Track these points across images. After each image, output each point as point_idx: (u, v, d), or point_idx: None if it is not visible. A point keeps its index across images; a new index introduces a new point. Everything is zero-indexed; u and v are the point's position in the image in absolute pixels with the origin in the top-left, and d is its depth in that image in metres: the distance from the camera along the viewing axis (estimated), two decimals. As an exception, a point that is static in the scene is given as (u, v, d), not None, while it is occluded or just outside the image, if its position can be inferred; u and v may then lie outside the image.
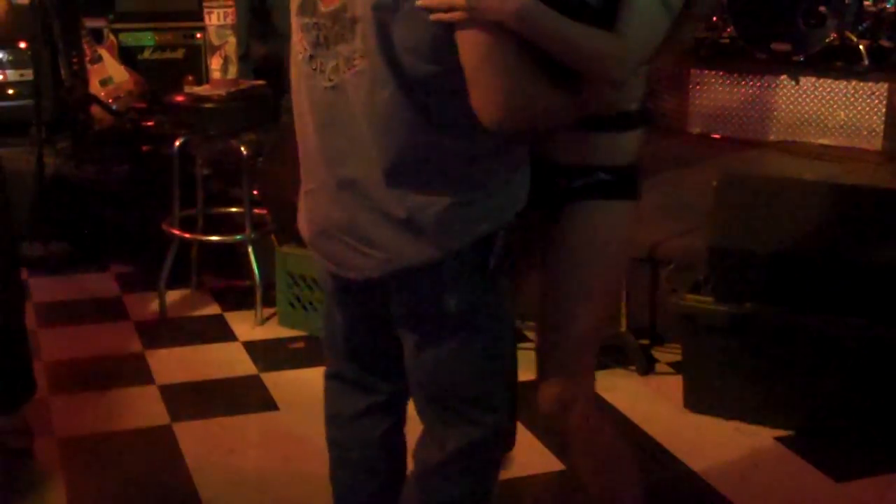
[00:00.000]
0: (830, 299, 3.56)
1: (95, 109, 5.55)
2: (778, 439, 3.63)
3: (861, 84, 5.85)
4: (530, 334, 3.54)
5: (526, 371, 2.62)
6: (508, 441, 2.42)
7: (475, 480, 2.32)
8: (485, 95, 1.99)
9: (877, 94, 5.81)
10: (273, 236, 4.69)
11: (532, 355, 2.54)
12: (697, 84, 6.14)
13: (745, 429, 3.69)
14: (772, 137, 6.02)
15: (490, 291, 2.18)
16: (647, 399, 3.93)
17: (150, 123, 5.56)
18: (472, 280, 2.14)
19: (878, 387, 3.53)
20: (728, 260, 3.65)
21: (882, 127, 5.79)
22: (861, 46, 6.01)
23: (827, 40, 5.98)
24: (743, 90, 6.07)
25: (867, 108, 5.84)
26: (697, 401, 3.79)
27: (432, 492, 2.34)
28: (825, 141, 5.91)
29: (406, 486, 2.43)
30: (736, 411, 3.73)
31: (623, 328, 4.17)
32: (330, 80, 2.11)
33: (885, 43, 6.20)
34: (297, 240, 4.49)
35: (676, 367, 4.06)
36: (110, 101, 5.61)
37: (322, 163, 2.20)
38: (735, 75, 6.07)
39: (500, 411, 2.30)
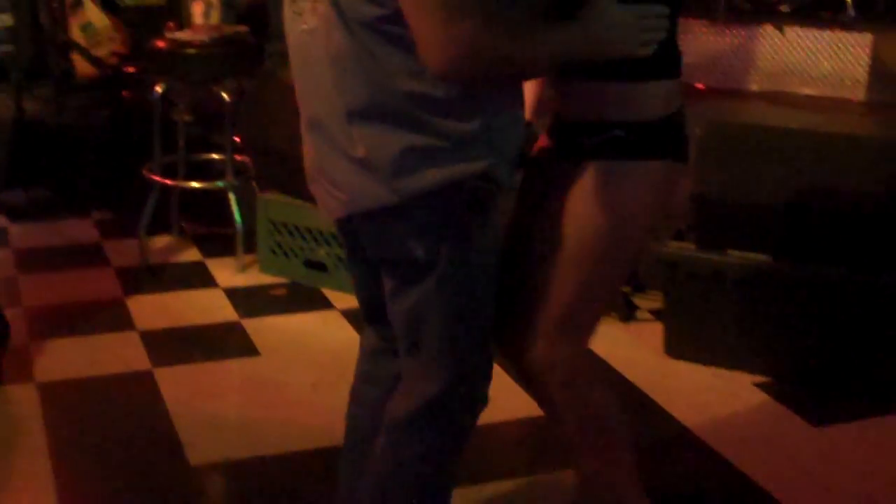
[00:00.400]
0: (812, 247, 3.57)
1: (76, 56, 5.50)
2: (757, 385, 3.65)
3: (846, 34, 5.83)
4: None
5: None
6: (483, 391, 2.31)
7: (443, 433, 2.27)
8: (425, 42, 1.88)
9: (861, 44, 5.80)
10: (255, 183, 4.67)
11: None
12: (682, 33, 6.08)
13: (725, 375, 3.71)
14: (756, 87, 6.01)
15: (462, 240, 2.11)
16: (628, 345, 3.95)
17: (131, 70, 5.52)
18: (441, 228, 2.08)
19: (856, 333, 3.54)
20: (711, 208, 3.65)
21: (866, 77, 5.79)
22: (846, -4, 6.00)
23: (812, -11, 5.97)
24: (727, 39, 6.05)
25: (851, 58, 5.82)
26: (678, 347, 3.81)
27: (399, 445, 2.28)
28: (809, 91, 5.90)
29: (377, 442, 2.36)
30: (716, 358, 3.75)
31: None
32: (306, 23, 2.09)
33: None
34: (279, 186, 4.52)
35: (657, 315, 4.08)
36: (90, 47, 5.56)
37: (301, 105, 2.21)
38: (720, 24, 6.04)
39: (472, 361, 2.24)
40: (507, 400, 3.14)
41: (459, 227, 2.09)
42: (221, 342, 3.97)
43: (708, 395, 3.61)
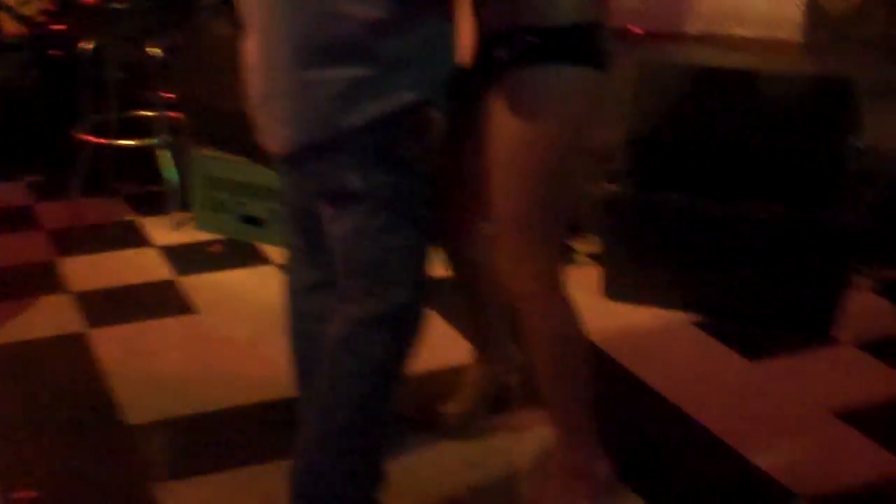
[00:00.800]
0: (747, 185, 3.58)
1: (2, 14, 5.38)
2: (695, 324, 3.67)
3: (780, -26, 5.85)
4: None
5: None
6: (417, 322, 2.35)
7: (381, 349, 2.31)
8: None
9: (796, -16, 5.82)
10: (189, 139, 4.60)
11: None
12: (616, -23, 6.07)
13: (663, 314, 3.73)
14: (693, 30, 6.01)
15: (396, 171, 2.17)
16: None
17: (59, 27, 5.40)
18: (380, 157, 2.14)
19: (789, 269, 3.56)
20: (646, 149, 3.65)
21: (800, 16, 5.80)
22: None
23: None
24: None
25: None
26: (616, 289, 3.82)
27: (339, 363, 2.34)
28: (745, 32, 5.92)
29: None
30: (654, 298, 3.76)
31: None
32: None
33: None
34: (214, 142, 4.46)
35: (596, 258, 4.08)
36: (18, 5, 5.44)
37: (248, 41, 2.25)
38: (655, -33, 6.04)
39: (404, 288, 2.29)
40: (443, 346, 3.15)
41: (398, 156, 2.16)
42: (158, 301, 3.92)
43: (647, 335, 3.62)
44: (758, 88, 3.61)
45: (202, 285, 4.04)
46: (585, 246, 4.20)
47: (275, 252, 4.26)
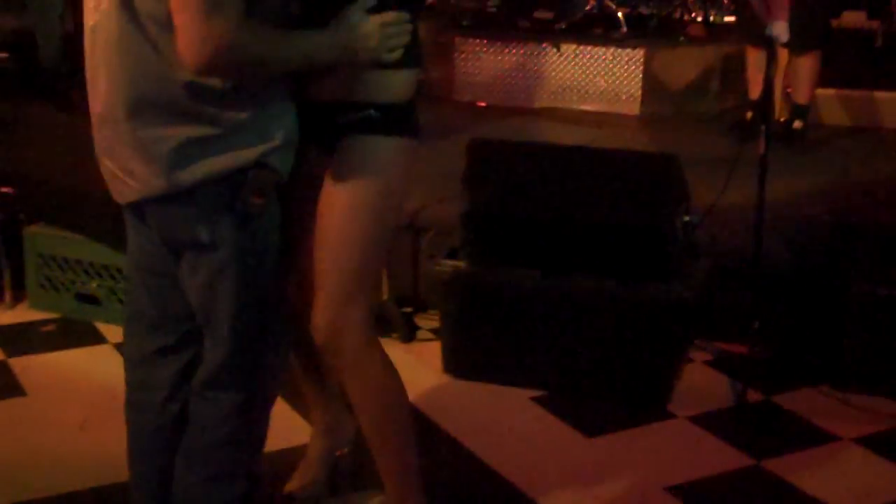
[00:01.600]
0: (580, 261, 3.63)
1: None
2: (533, 399, 3.69)
3: (619, 50, 6.01)
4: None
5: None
6: (277, 357, 2.50)
7: (236, 397, 2.43)
8: (184, 38, 2.05)
9: (634, 59, 5.98)
10: (21, 216, 4.47)
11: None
12: (462, 52, 6.18)
13: (503, 391, 3.73)
14: (537, 104, 6.12)
15: (243, 224, 2.28)
16: (409, 366, 3.89)
17: None
18: (223, 214, 2.25)
19: (624, 345, 3.61)
20: (481, 224, 3.68)
21: (640, 92, 5.97)
22: (619, 13, 6.17)
23: (587, 7, 6.11)
24: (507, 58, 6.15)
25: (626, 74, 6.00)
26: (456, 365, 3.82)
27: (199, 413, 2.46)
28: (587, 107, 6.05)
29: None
30: (493, 374, 3.77)
31: (385, 296, 4.16)
32: (92, 19, 2.27)
33: (643, 10, 6.39)
34: (47, 217, 4.34)
35: (438, 334, 4.07)
36: None
37: (90, 97, 2.33)
38: (499, 43, 6.14)
39: (259, 331, 2.40)
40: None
41: (239, 212, 2.26)
42: (-15, 384, 3.78)
43: (486, 412, 3.63)
44: (588, 164, 3.68)
45: (33, 366, 3.91)
46: (429, 322, 4.20)
47: (112, 331, 4.15)
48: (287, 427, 3.27)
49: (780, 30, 4.26)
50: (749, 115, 5.36)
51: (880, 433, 3.50)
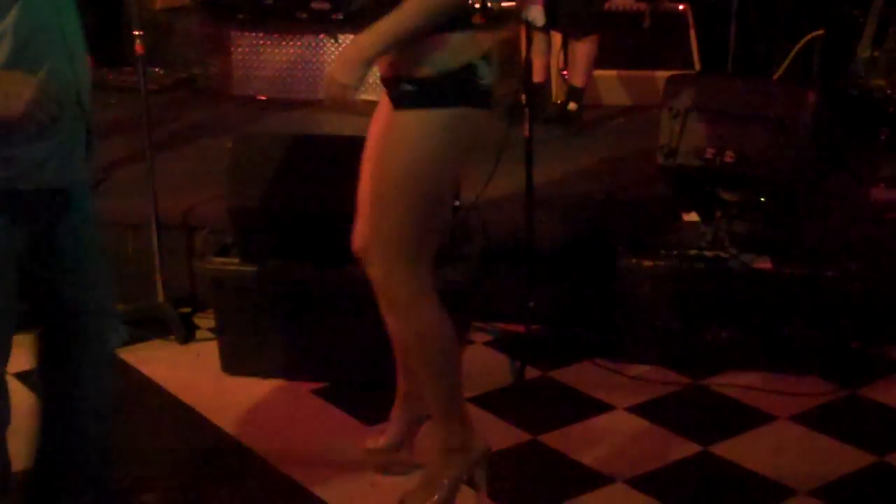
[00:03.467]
0: (347, 251, 3.61)
1: None
2: (314, 392, 3.66)
3: (398, 39, 5.99)
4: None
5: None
6: None
7: None
8: None
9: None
10: None
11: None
12: (239, 46, 6.07)
13: (283, 385, 3.70)
14: (316, 96, 6.04)
15: None
16: (187, 367, 3.85)
17: None
18: None
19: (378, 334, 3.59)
20: (247, 220, 3.62)
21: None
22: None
23: (363, -2, 6.09)
24: (285, 50, 6.07)
25: (405, 63, 5.99)
26: (235, 363, 3.76)
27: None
28: (367, 96, 5.97)
29: None
30: (273, 369, 3.72)
31: (161, 298, 4.06)
32: None
33: None
34: None
35: (216, 333, 4.00)
36: None
37: None
38: (276, 36, 6.05)
39: None
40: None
41: None
42: None
43: (267, 408, 3.59)
44: (352, 153, 3.66)
45: None
46: (207, 321, 4.11)
47: None
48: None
49: (534, 14, 4.35)
50: (524, 97, 5.43)
51: (651, 401, 3.60)
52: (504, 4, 6.51)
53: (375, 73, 5.95)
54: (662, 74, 5.66)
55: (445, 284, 3.52)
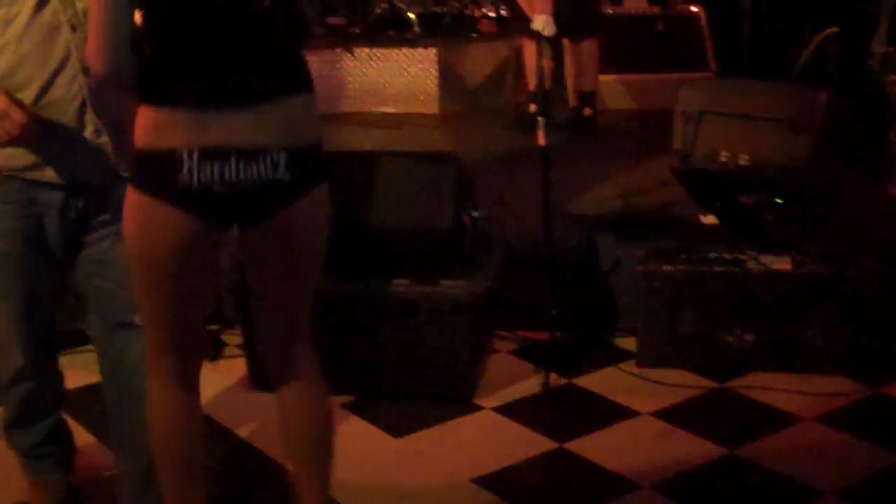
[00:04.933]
0: (375, 265, 3.66)
1: None
2: (342, 406, 3.69)
3: (412, 51, 6.06)
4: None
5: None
6: None
7: None
8: None
9: (428, 59, 6.03)
10: None
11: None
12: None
13: (311, 400, 3.73)
14: (337, 110, 6.11)
15: None
16: (216, 384, 3.89)
17: None
18: None
19: (425, 342, 3.66)
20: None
21: (436, 90, 6.03)
22: (411, 14, 6.23)
23: (378, 10, 6.15)
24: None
25: (421, 74, 6.06)
26: (262, 379, 3.79)
27: None
28: (387, 109, 6.08)
29: None
30: (300, 384, 3.75)
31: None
32: None
33: (435, 9, 6.46)
34: None
35: (244, 350, 4.05)
36: None
37: None
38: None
39: None
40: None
41: None
42: None
43: (295, 423, 3.62)
44: (372, 169, 3.71)
45: None
46: (235, 338, 4.16)
47: None
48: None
49: (541, 23, 4.39)
50: (532, 106, 5.48)
51: (675, 405, 3.63)
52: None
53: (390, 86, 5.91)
54: (678, 77, 5.73)
55: (465, 295, 3.60)
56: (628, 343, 3.98)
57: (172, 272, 2.30)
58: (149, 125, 2.21)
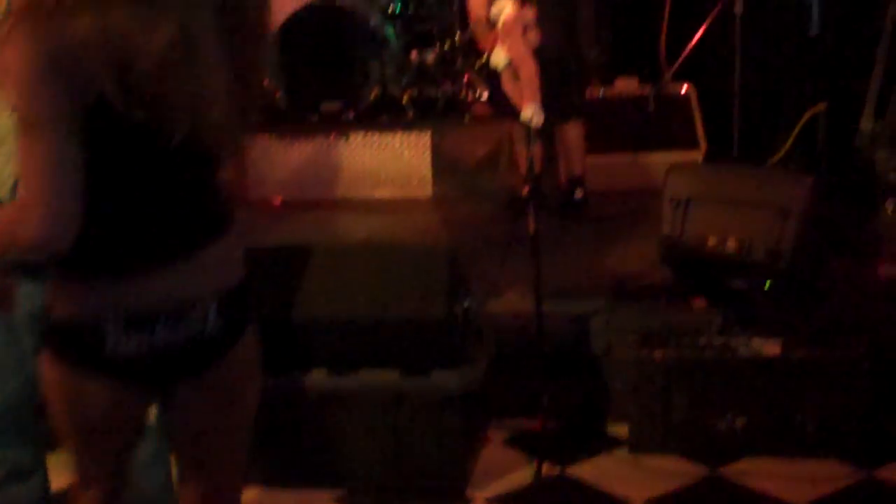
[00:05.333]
0: (366, 357, 3.67)
1: None
2: (336, 500, 3.69)
3: (406, 135, 6.09)
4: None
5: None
6: None
7: None
8: None
9: (422, 142, 6.08)
10: None
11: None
12: (252, 150, 6.16)
13: (307, 494, 3.73)
14: (331, 195, 6.14)
15: None
16: None
17: None
18: None
19: (414, 435, 3.67)
20: (272, 330, 3.67)
21: (430, 174, 6.06)
22: (405, 98, 6.27)
23: (372, 95, 6.19)
24: (297, 152, 6.17)
25: (415, 158, 6.09)
26: (256, 473, 3.79)
27: None
28: (381, 193, 6.10)
29: None
30: (295, 479, 3.76)
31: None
32: None
33: (429, 93, 6.50)
34: None
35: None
36: None
37: None
38: (287, 138, 6.16)
39: None
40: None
41: None
42: None
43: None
44: (365, 261, 3.75)
45: None
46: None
47: None
48: None
49: (530, 112, 4.43)
50: (525, 190, 5.48)
51: (669, 493, 3.62)
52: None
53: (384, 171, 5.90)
54: (669, 156, 5.78)
55: (456, 387, 3.61)
56: (620, 430, 3.97)
57: (103, 432, 2.23)
58: (69, 294, 2.11)
